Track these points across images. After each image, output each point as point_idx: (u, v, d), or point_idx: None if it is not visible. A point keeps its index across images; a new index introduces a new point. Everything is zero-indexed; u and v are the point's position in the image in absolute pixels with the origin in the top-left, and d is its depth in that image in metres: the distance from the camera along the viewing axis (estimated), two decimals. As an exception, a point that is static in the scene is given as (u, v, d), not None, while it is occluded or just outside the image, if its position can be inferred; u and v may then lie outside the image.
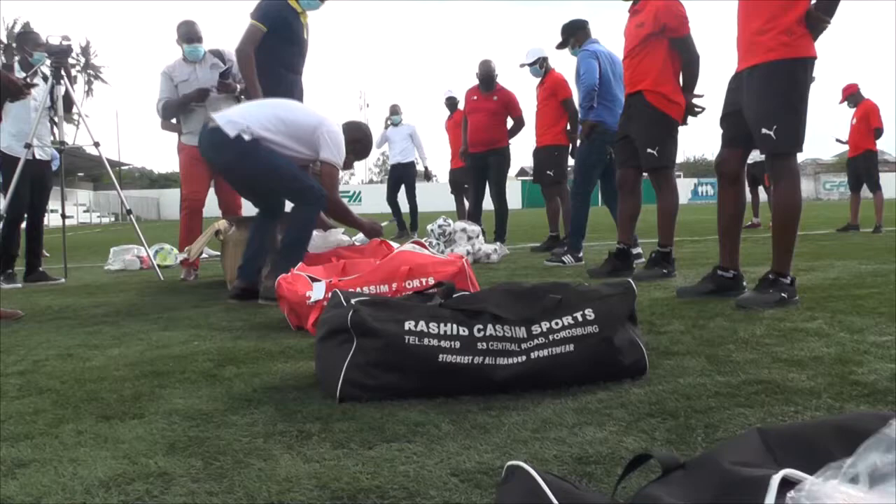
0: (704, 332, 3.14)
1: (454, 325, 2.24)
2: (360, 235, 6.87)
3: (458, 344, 2.21)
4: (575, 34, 6.97)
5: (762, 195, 12.60)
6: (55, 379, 2.67)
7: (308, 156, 4.50)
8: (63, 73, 6.47)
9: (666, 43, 5.01)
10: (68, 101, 6.66)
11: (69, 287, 6.17)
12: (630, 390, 2.24)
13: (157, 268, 6.77)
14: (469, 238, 7.29)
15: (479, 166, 8.88)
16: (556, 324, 2.29)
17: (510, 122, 8.93)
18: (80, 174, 53.64)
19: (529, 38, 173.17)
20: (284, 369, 2.71)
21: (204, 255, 8.13)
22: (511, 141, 8.96)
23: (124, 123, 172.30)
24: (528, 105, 8.88)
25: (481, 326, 2.24)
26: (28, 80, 6.19)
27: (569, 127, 8.06)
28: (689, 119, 5.17)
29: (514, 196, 44.61)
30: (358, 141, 4.85)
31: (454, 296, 2.47)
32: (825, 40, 3.71)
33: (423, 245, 3.84)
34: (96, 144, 6.90)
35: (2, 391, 2.54)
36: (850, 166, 11.53)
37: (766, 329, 3.13)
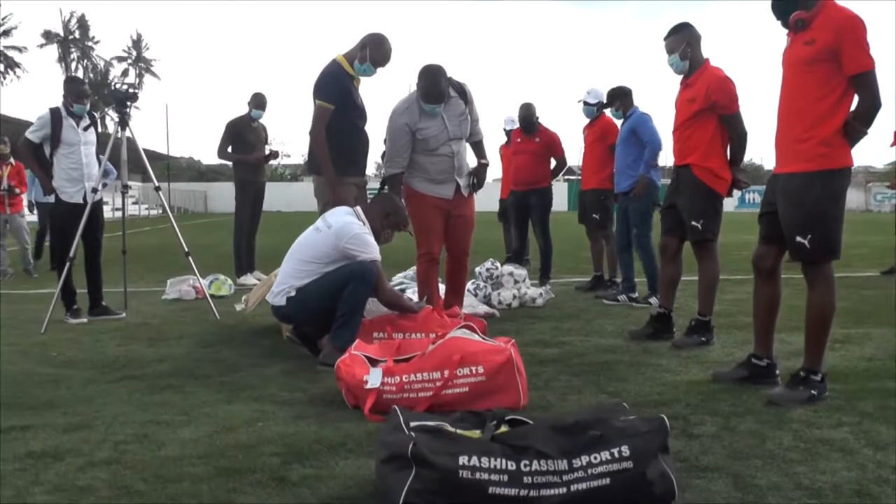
0: (735, 437, 3.35)
1: (503, 460, 2.51)
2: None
3: (506, 477, 2.49)
4: (621, 99, 7.68)
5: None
6: (137, 474, 2.96)
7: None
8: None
9: (715, 118, 5.21)
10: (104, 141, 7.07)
11: (131, 325, 6.48)
12: (660, 524, 2.46)
13: (209, 299, 7.06)
14: (515, 282, 7.53)
15: (521, 204, 9.30)
16: (595, 458, 2.54)
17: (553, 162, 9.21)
18: (130, 165, 54.58)
19: (576, 42, 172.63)
20: (346, 472, 2.97)
21: (256, 282, 8.51)
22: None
23: (173, 113, 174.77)
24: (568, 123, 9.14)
25: (527, 462, 2.51)
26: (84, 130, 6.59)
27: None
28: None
29: (560, 197, 44.48)
30: (390, 214, 5.16)
31: (505, 420, 2.76)
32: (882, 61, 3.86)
33: (473, 329, 4.06)
34: (157, 189, 7.32)
35: (93, 488, 2.84)
36: None
37: (793, 439, 3.32)
